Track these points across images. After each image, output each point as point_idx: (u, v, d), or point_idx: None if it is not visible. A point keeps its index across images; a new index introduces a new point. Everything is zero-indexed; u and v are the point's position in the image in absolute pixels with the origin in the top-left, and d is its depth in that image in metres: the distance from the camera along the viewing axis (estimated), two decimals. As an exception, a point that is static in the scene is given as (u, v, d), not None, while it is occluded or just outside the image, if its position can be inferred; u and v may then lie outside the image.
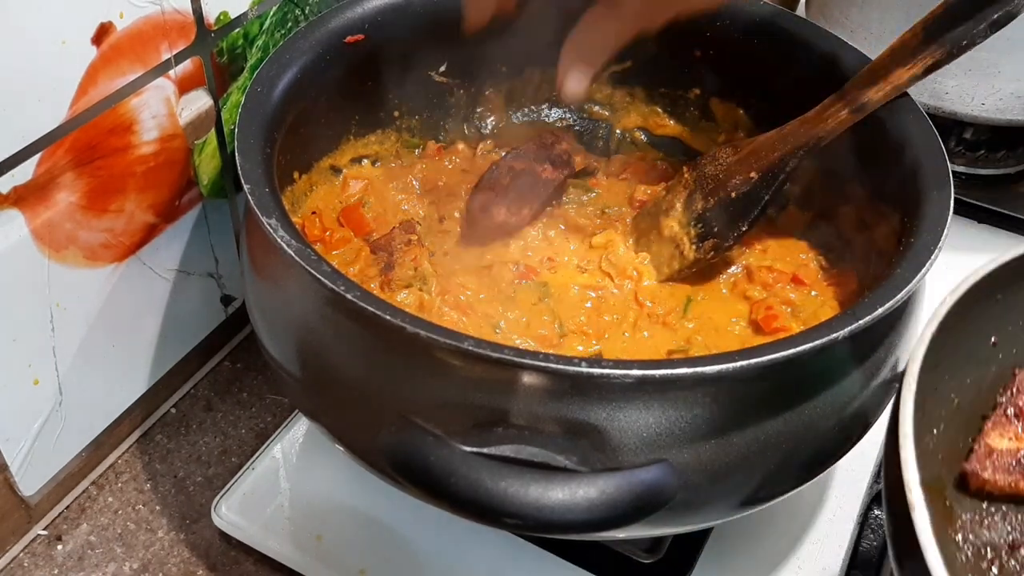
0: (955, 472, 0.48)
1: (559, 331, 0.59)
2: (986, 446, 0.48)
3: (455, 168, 0.70)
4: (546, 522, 0.41)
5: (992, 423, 0.49)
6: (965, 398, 0.49)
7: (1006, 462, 0.47)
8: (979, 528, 0.46)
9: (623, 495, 0.42)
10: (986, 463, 0.47)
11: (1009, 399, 0.50)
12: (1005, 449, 0.48)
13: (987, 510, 0.47)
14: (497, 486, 0.40)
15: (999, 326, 0.50)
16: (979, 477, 0.47)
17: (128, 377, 0.63)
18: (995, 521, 0.46)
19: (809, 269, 0.64)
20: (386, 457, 0.44)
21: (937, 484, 0.46)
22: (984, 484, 0.47)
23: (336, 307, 0.46)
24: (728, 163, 0.61)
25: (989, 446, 0.48)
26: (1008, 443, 0.48)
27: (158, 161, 0.58)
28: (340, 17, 0.61)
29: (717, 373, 0.41)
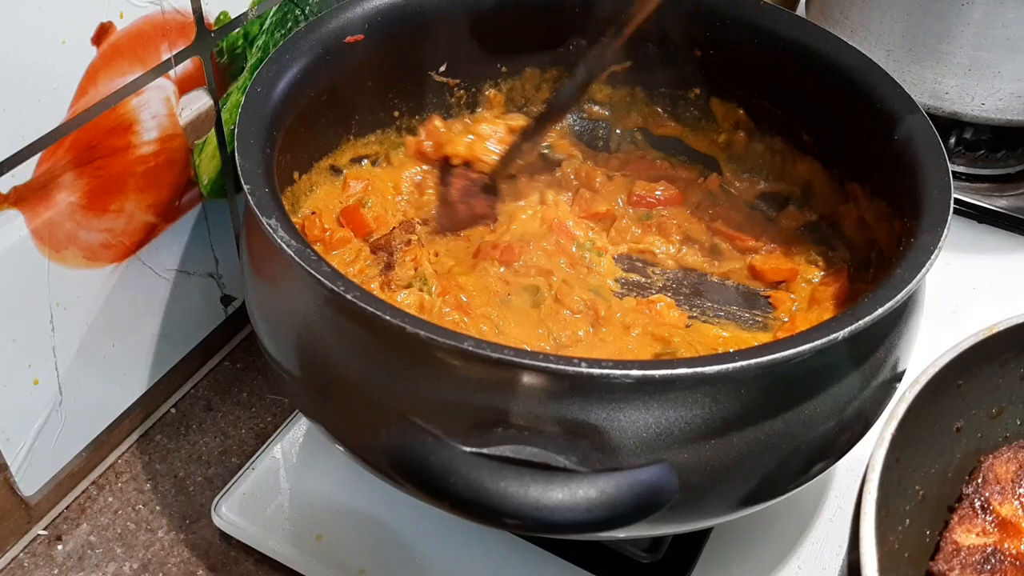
0: (922, 572, 0.46)
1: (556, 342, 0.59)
2: (953, 543, 0.46)
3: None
4: (546, 522, 0.41)
5: (959, 517, 0.48)
6: (930, 490, 0.47)
7: (974, 559, 0.45)
8: None
9: (623, 495, 0.42)
10: (953, 562, 0.45)
11: (976, 490, 0.48)
12: (973, 546, 0.46)
13: None
14: (497, 486, 0.40)
15: (963, 412, 0.49)
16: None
17: (128, 377, 0.63)
18: None
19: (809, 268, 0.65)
20: (386, 457, 0.44)
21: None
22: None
23: (336, 307, 0.46)
24: None
25: (956, 543, 0.46)
26: (975, 539, 0.46)
27: (158, 161, 0.58)
28: (340, 17, 0.61)
29: (717, 373, 0.41)
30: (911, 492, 0.46)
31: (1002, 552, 0.45)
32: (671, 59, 0.69)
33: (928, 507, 0.47)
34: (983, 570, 0.45)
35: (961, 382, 0.48)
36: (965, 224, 0.83)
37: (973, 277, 0.75)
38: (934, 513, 0.47)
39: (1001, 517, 0.47)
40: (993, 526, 0.46)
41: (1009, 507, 0.47)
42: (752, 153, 0.70)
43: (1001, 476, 0.49)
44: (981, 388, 0.49)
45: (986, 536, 0.46)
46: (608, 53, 0.63)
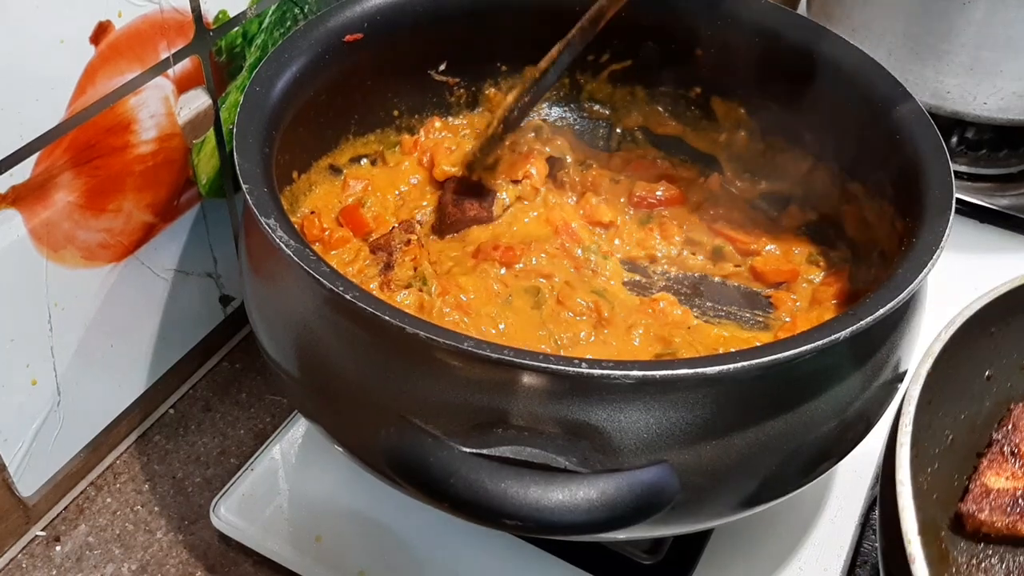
0: (950, 513, 0.47)
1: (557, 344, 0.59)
2: (982, 486, 0.47)
3: None
4: (546, 523, 0.41)
5: (988, 461, 0.48)
6: (960, 435, 0.48)
7: (1003, 502, 0.46)
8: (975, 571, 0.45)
9: (623, 496, 0.42)
10: (983, 504, 0.46)
11: (1005, 436, 0.49)
12: (1002, 489, 0.46)
13: (984, 552, 0.46)
14: (497, 487, 0.40)
15: (994, 360, 0.49)
16: (975, 519, 0.45)
17: (126, 377, 0.63)
18: (992, 564, 0.45)
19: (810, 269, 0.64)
20: (385, 458, 0.43)
21: (932, 526, 0.45)
22: (981, 526, 0.46)
23: (335, 307, 0.46)
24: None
25: (985, 486, 0.46)
26: (1005, 482, 0.47)
27: (156, 160, 0.57)
28: (339, 16, 0.61)
29: (718, 374, 0.41)
30: (941, 436, 0.47)
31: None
32: (672, 58, 0.69)
33: (957, 452, 0.47)
34: (1011, 512, 0.45)
35: (994, 329, 0.48)
36: (967, 224, 0.83)
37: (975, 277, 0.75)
38: (963, 458, 0.48)
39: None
40: (1022, 470, 0.47)
41: None
42: (753, 152, 0.70)
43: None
44: (1013, 338, 0.49)
45: (1015, 480, 0.47)
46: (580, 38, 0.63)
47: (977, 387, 0.49)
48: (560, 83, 0.73)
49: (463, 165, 0.67)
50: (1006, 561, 0.45)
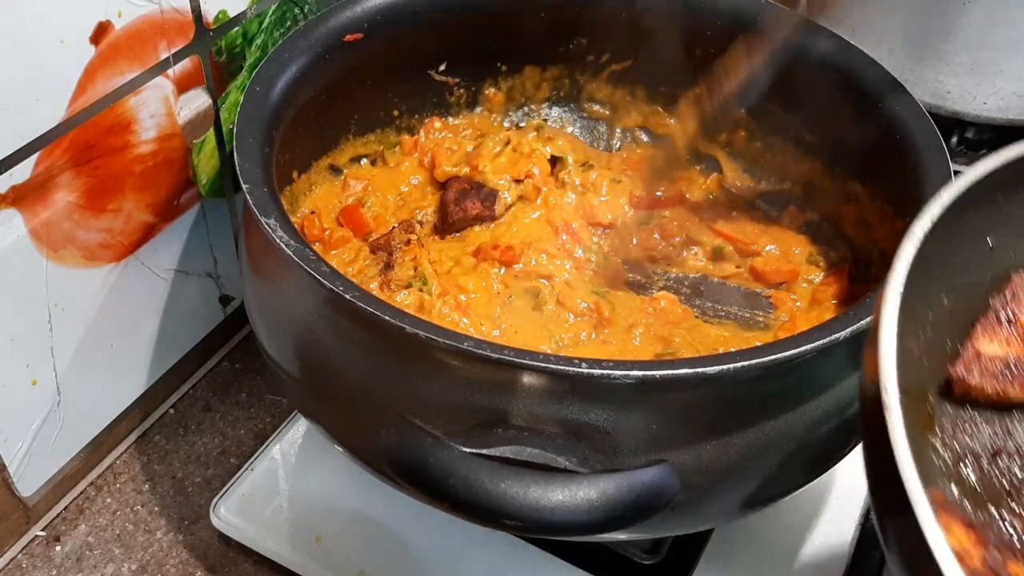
0: (940, 378, 0.45)
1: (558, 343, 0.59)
2: (974, 350, 0.45)
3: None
4: (546, 523, 0.41)
5: (982, 327, 0.47)
6: (957, 302, 0.46)
7: (995, 368, 0.45)
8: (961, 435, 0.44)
9: (623, 496, 0.42)
10: (973, 368, 0.45)
11: (1003, 303, 0.47)
12: (994, 355, 0.45)
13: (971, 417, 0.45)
14: (497, 487, 0.40)
15: (997, 229, 0.47)
16: (965, 382, 0.44)
17: (126, 377, 0.63)
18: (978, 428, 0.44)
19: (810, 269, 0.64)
20: (385, 458, 0.43)
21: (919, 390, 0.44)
22: (970, 390, 0.44)
23: (335, 307, 0.46)
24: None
25: (977, 351, 0.45)
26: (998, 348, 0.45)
27: (156, 160, 0.57)
28: (339, 16, 0.61)
29: (718, 373, 0.41)
30: (936, 300, 0.45)
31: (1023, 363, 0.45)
32: (671, 58, 0.69)
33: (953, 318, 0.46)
34: (1002, 378, 0.44)
35: (1000, 197, 0.46)
36: (966, 224, 0.83)
37: (974, 277, 0.75)
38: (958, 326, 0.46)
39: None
40: (1017, 338, 0.46)
41: None
42: (753, 152, 0.70)
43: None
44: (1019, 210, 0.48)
45: (1009, 347, 0.46)
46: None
47: (979, 256, 0.47)
48: (560, 83, 0.73)
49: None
50: (993, 425, 0.44)
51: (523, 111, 0.74)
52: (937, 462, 0.42)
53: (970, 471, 0.41)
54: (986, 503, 0.40)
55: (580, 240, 0.66)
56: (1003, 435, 0.44)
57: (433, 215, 0.66)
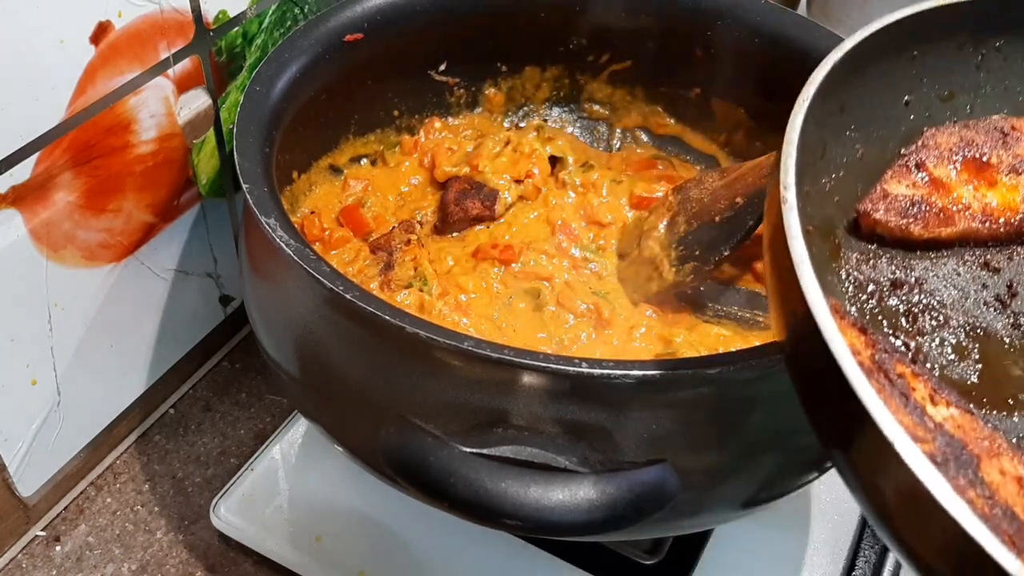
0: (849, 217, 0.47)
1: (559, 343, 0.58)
2: (882, 190, 0.47)
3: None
4: (546, 523, 0.41)
5: (892, 172, 0.48)
6: (870, 151, 0.48)
7: (900, 205, 0.47)
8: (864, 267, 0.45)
9: (623, 496, 0.41)
10: (879, 204, 0.46)
11: (913, 152, 0.49)
12: (901, 195, 0.47)
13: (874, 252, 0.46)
14: (497, 487, 0.40)
15: (913, 85, 0.49)
16: (871, 217, 0.46)
17: (126, 377, 0.63)
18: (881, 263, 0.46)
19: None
20: (385, 458, 0.43)
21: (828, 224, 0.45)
22: (876, 225, 0.46)
23: (335, 307, 0.46)
24: (714, 187, 0.61)
25: (885, 191, 0.47)
26: (905, 190, 0.47)
27: (156, 160, 0.57)
28: (339, 16, 0.61)
29: (718, 373, 0.41)
30: (851, 148, 0.47)
31: (928, 203, 0.47)
32: (671, 58, 0.69)
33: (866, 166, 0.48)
34: (907, 215, 0.46)
35: (916, 52, 0.48)
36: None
37: (974, 277, 0.75)
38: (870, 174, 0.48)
39: (933, 176, 0.48)
40: (924, 182, 0.48)
41: (943, 170, 0.48)
42: (753, 152, 0.70)
43: (941, 144, 0.49)
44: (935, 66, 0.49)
45: (915, 189, 0.47)
46: None
47: (894, 111, 0.49)
48: (560, 83, 0.73)
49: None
50: (895, 261, 0.46)
51: (523, 111, 0.74)
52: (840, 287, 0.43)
53: (869, 298, 0.43)
54: (881, 326, 0.42)
55: (578, 240, 0.66)
56: (904, 270, 0.45)
57: (433, 215, 0.66)
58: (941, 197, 0.46)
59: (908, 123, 0.49)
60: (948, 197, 0.46)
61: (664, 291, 0.61)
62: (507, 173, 0.67)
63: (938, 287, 0.44)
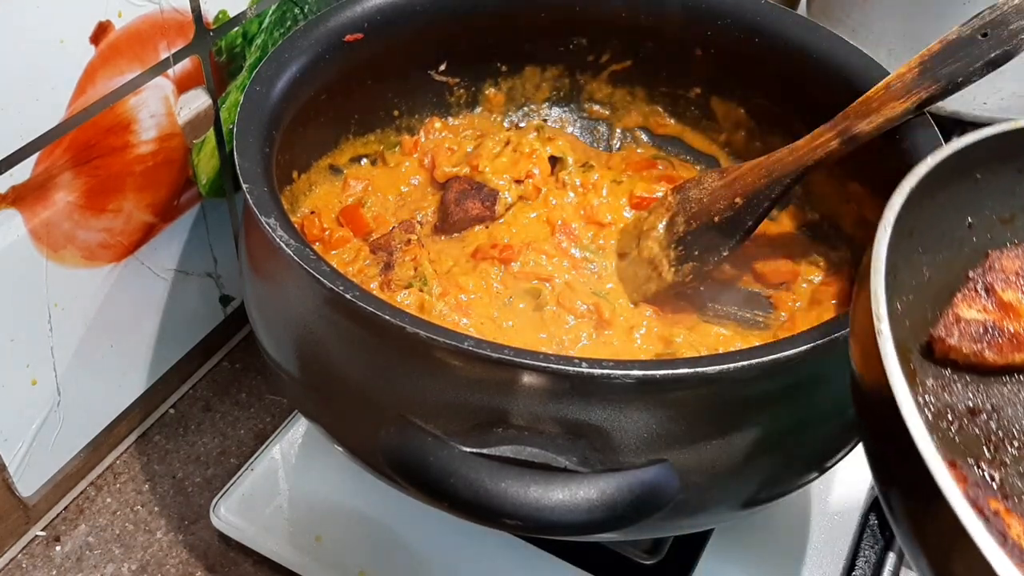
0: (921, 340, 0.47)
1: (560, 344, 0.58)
2: (954, 315, 0.47)
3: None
4: (546, 523, 0.41)
5: (962, 296, 0.49)
6: (937, 273, 0.48)
7: (973, 331, 0.47)
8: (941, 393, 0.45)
9: (623, 496, 0.41)
10: (953, 330, 0.46)
11: (980, 275, 0.49)
12: (973, 319, 0.47)
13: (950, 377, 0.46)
14: (497, 487, 0.40)
15: (976, 208, 0.50)
16: (945, 343, 0.46)
17: (126, 377, 0.63)
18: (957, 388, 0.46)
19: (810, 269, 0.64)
20: (385, 458, 0.43)
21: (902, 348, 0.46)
22: (950, 351, 0.46)
23: (335, 307, 0.46)
24: (713, 187, 0.61)
25: (957, 315, 0.47)
26: (976, 314, 0.47)
27: (156, 160, 0.57)
28: (339, 16, 0.60)
29: (718, 373, 0.41)
30: (919, 269, 0.47)
31: (1000, 328, 0.47)
32: (671, 58, 0.69)
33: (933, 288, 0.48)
34: (980, 340, 0.46)
35: (979, 175, 0.49)
36: (966, 224, 0.83)
37: (975, 277, 0.75)
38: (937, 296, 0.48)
39: (1003, 301, 0.48)
40: (994, 306, 0.48)
41: (1012, 294, 0.49)
42: (753, 152, 0.70)
43: (1007, 268, 0.50)
44: (997, 189, 0.50)
45: (986, 313, 0.48)
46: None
47: (958, 232, 0.49)
48: (560, 83, 0.73)
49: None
50: (970, 387, 0.46)
51: (523, 111, 0.74)
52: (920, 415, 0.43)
53: (949, 426, 0.43)
54: (964, 455, 0.41)
55: (577, 240, 0.66)
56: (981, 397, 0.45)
57: (433, 215, 0.66)
58: (1012, 322, 0.47)
59: (971, 244, 0.50)
60: (1019, 322, 0.47)
61: (663, 291, 0.61)
62: (507, 173, 0.67)
63: (1017, 414, 0.44)
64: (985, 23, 0.52)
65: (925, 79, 0.53)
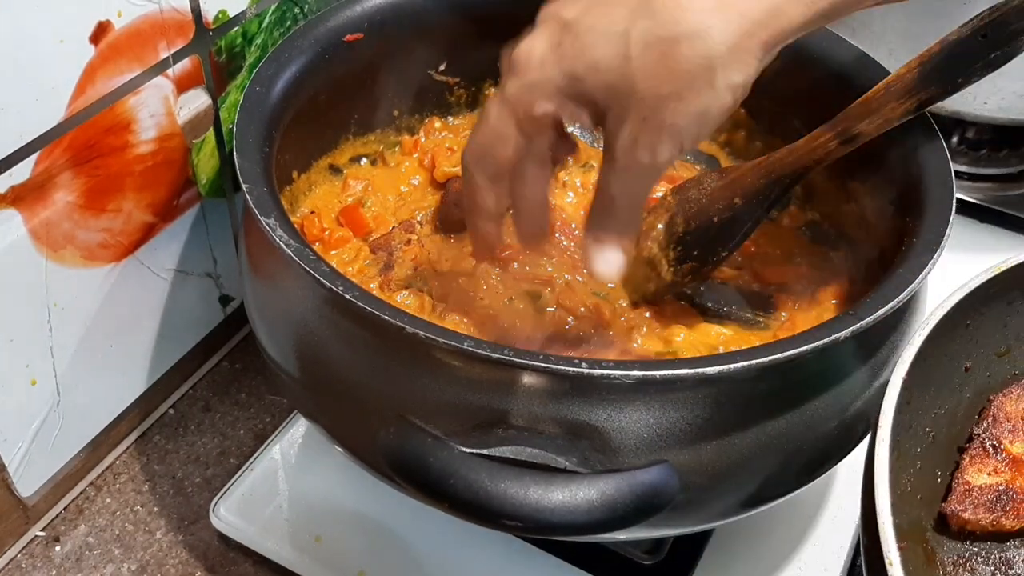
0: (934, 512, 0.47)
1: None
2: (965, 483, 0.46)
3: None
4: (546, 524, 0.41)
5: (970, 458, 0.48)
6: (940, 430, 0.47)
7: (987, 499, 0.46)
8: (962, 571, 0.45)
9: (623, 496, 0.41)
10: (966, 502, 0.46)
11: (986, 430, 0.49)
12: (985, 485, 0.46)
13: (969, 550, 0.46)
14: (497, 487, 0.40)
15: (971, 351, 0.49)
16: (960, 518, 0.45)
17: (126, 377, 0.63)
18: (977, 563, 0.45)
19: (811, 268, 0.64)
20: (385, 458, 0.43)
21: (917, 528, 0.45)
22: (965, 524, 0.46)
23: (335, 307, 0.46)
24: (712, 188, 0.61)
25: (968, 483, 0.46)
26: (987, 478, 0.46)
27: (156, 160, 0.57)
28: (339, 16, 0.60)
29: (718, 373, 0.41)
30: (922, 434, 0.47)
31: (1014, 491, 0.46)
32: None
33: (939, 448, 0.48)
34: (995, 509, 0.45)
35: (969, 322, 0.48)
36: (967, 224, 0.83)
37: (975, 277, 0.75)
38: (945, 454, 0.48)
39: (1012, 455, 0.47)
40: (1004, 465, 0.47)
41: (1020, 445, 0.48)
42: (752, 152, 0.70)
43: (1011, 414, 0.49)
44: (989, 327, 0.49)
45: (997, 475, 0.47)
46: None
47: (956, 380, 0.49)
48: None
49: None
50: (992, 558, 0.45)
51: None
52: None
53: None
54: None
55: (578, 241, 0.65)
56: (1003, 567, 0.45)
57: (433, 215, 0.66)
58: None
59: (972, 388, 0.50)
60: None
61: (663, 291, 0.61)
62: None
63: None
64: (985, 24, 0.52)
65: (924, 80, 0.53)
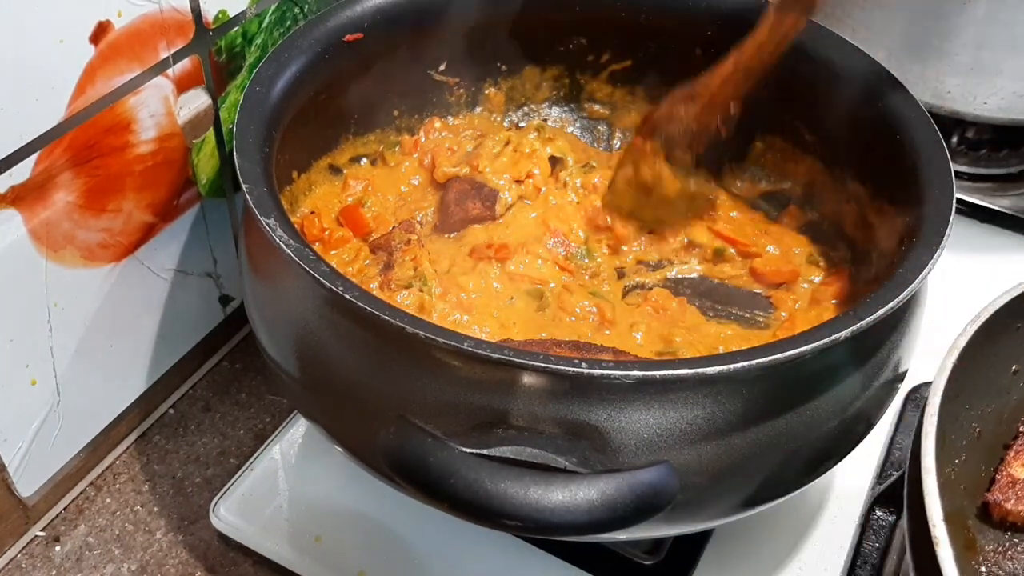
0: (977, 502, 0.48)
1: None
2: (1008, 476, 0.48)
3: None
4: (546, 524, 0.41)
5: (1015, 452, 0.49)
6: (987, 428, 0.49)
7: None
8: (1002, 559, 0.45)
9: (623, 496, 0.41)
10: (1009, 493, 0.47)
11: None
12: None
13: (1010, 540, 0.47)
14: (497, 487, 0.40)
15: (1019, 355, 0.50)
16: (1002, 507, 0.46)
17: (126, 377, 0.63)
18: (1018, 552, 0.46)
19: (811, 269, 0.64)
20: (385, 458, 0.43)
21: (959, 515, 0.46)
22: (1007, 514, 0.46)
23: (335, 307, 0.46)
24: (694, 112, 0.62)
25: (1012, 476, 0.47)
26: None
27: (156, 160, 0.57)
28: (339, 16, 0.61)
29: (718, 374, 0.41)
30: (968, 428, 0.48)
31: None
32: (672, 58, 0.69)
33: (984, 444, 0.49)
34: None
35: (1020, 325, 0.49)
36: (967, 224, 0.83)
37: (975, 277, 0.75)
38: (990, 451, 0.49)
39: None
40: None
41: None
42: (753, 152, 0.70)
43: None
44: None
45: None
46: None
47: (1004, 381, 0.50)
48: (560, 83, 0.73)
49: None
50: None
51: (523, 111, 0.74)
52: None
53: None
54: None
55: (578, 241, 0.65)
56: None
57: (433, 215, 0.66)
58: None
59: (1018, 391, 0.51)
60: None
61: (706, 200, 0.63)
62: (507, 173, 0.67)
63: None
64: None
65: None
